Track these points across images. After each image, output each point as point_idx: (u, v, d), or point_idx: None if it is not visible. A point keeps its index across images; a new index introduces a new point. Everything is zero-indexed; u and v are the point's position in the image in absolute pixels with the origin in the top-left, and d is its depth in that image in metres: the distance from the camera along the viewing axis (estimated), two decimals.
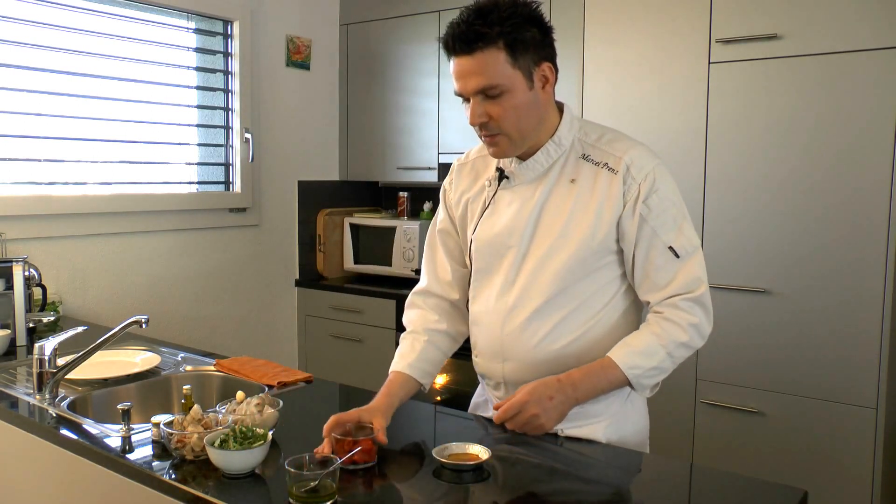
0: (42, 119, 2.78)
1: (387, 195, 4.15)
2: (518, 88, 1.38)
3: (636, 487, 1.37)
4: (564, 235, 1.45)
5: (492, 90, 1.37)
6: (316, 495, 1.17)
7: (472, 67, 1.36)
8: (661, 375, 1.46)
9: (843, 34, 2.36)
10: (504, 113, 1.38)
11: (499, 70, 1.35)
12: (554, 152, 1.47)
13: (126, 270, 3.04)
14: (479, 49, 1.35)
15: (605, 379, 1.43)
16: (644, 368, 1.42)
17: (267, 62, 3.56)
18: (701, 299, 1.45)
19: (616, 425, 1.53)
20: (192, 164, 3.34)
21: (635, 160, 1.44)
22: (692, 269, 1.45)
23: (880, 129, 2.32)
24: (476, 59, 1.35)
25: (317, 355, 3.78)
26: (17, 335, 2.26)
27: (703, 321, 1.45)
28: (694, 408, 2.70)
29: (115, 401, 1.76)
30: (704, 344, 1.49)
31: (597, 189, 1.44)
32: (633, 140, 1.49)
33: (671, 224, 1.44)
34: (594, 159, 1.46)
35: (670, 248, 1.43)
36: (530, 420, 1.41)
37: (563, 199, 1.46)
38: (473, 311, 1.59)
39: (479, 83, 1.36)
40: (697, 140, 2.65)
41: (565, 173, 1.47)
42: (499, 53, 1.35)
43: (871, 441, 2.39)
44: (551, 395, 1.41)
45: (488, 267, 1.54)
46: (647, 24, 2.73)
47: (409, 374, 1.58)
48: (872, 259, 2.36)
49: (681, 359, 1.46)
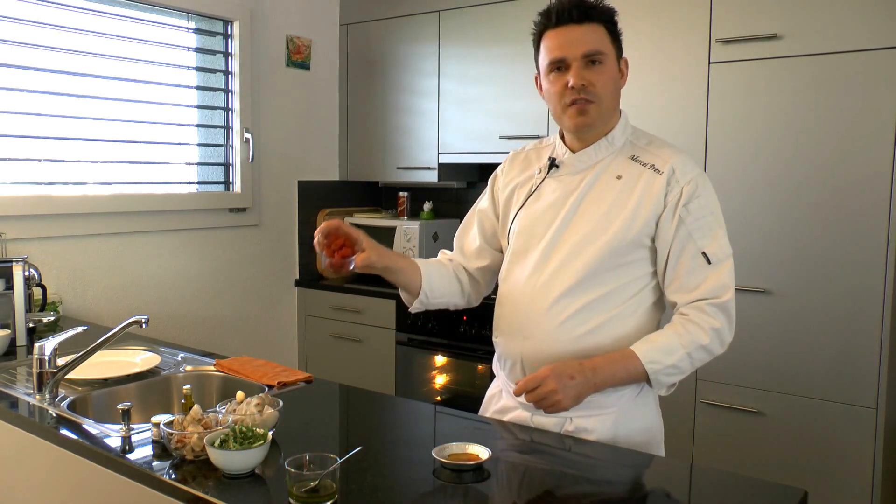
0: (42, 119, 2.78)
1: (387, 195, 4.15)
2: (612, 64, 1.53)
3: (636, 487, 1.37)
4: (601, 225, 1.50)
5: (597, 55, 1.49)
6: (316, 495, 1.17)
7: (581, 35, 1.49)
8: (679, 375, 1.50)
9: (843, 34, 2.36)
10: (602, 79, 1.50)
11: (604, 41, 1.50)
12: (605, 149, 1.56)
13: (126, 270, 3.04)
14: (588, 21, 1.49)
15: (623, 368, 1.46)
16: (663, 365, 1.46)
17: (267, 62, 3.56)
18: (726, 306, 1.49)
19: (624, 420, 1.54)
20: (192, 164, 3.34)
21: (681, 164, 1.51)
22: (721, 275, 1.49)
23: (880, 129, 2.32)
24: (585, 28, 1.49)
25: (317, 355, 3.78)
26: (17, 335, 2.26)
27: (726, 328, 1.50)
28: (694, 408, 2.70)
29: (115, 401, 1.76)
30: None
31: (639, 187, 1.51)
32: (680, 149, 1.57)
33: (707, 230, 1.49)
34: (642, 160, 1.53)
35: (703, 253, 1.48)
36: (548, 395, 1.43)
37: (606, 191, 1.53)
38: (502, 292, 1.64)
39: (588, 48, 1.49)
40: (697, 140, 2.65)
41: (612, 169, 1.55)
42: (602, 29, 1.51)
43: (871, 441, 2.39)
44: (572, 374, 1.44)
45: (525, 248, 1.59)
46: (647, 24, 2.73)
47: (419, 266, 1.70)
48: (872, 259, 2.36)
49: (700, 362, 1.51)
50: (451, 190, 3.80)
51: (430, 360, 3.35)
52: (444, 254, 1.83)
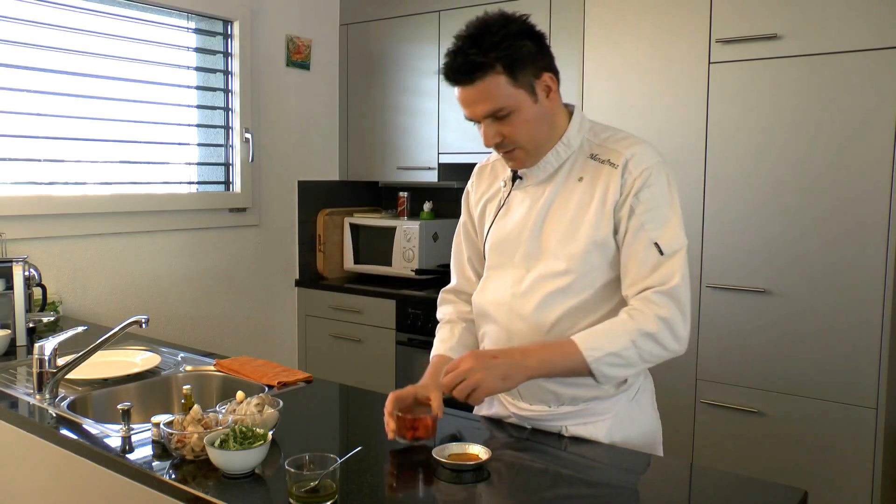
0: (42, 119, 2.78)
1: (387, 195, 4.15)
2: (524, 105, 1.41)
3: (636, 487, 1.37)
4: (570, 230, 1.47)
5: (499, 112, 1.41)
6: (316, 495, 1.17)
7: (476, 95, 1.40)
8: (626, 368, 1.41)
9: (843, 34, 2.36)
10: (515, 130, 1.43)
11: (502, 93, 1.39)
12: (563, 153, 1.50)
13: (126, 270, 3.04)
14: (479, 77, 1.38)
15: (559, 353, 1.40)
16: (604, 352, 1.37)
17: (267, 62, 3.56)
18: (673, 293, 1.40)
19: (620, 425, 1.52)
20: (193, 164, 3.34)
21: (636, 155, 1.45)
22: (672, 265, 1.42)
23: (880, 129, 2.32)
24: (478, 88, 1.39)
25: (317, 355, 3.78)
26: (17, 335, 2.26)
27: (677, 318, 1.40)
28: (694, 408, 2.70)
29: (115, 401, 1.76)
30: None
31: (599, 185, 1.46)
32: (639, 139, 1.51)
33: (660, 220, 1.43)
34: (600, 157, 1.48)
35: (655, 243, 1.42)
36: (467, 374, 1.35)
37: (570, 196, 1.49)
38: (481, 304, 1.60)
39: (485, 108, 1.41)
40: (697, 140, 2.65)
41: (574, 172, 1.50)
42: (499, 77, 1.38)
43: (871, 441, 2.39)
44: (495, 355, 1.40)
45: (501, 263, 1.57)
46: (647, 25, 2.73)
47: (451, 357, 1.60)
48: (872, 259, 2.36)
49: (649, 355, 1.40)
50: (451, 190, 3.80)
51: None
52: (447, 299, 1.76)
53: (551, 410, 1.52)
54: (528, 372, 1.39)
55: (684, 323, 1.42)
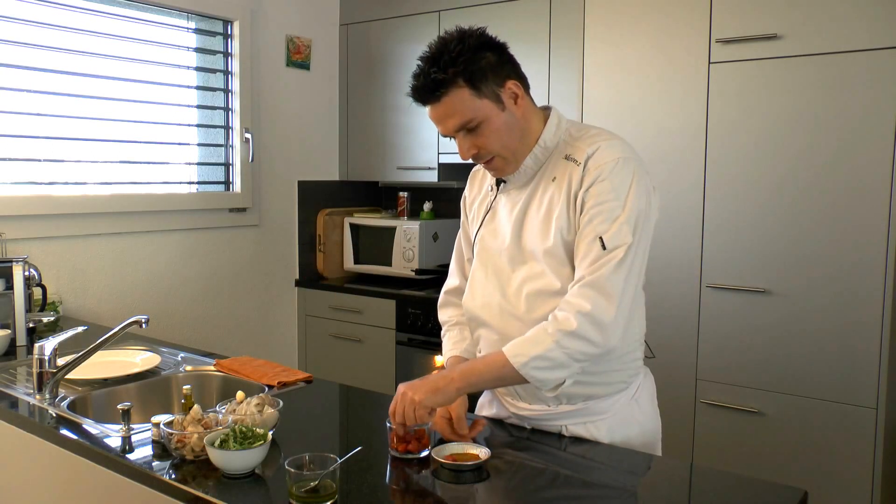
0: (42, 119, 2.78)
1: (387, 195, 4.15)
2: (492, 114, 1.44)
3: (636, 487, 1.37)
4: (543, 229, 1.48)
5: (469, 124, 1.44)
6: (316, 495, 1.17)
7: (444, 111, 1.44)
8: (557, 370, 1.38)
9: (843, 34, 2.36)
10: (487, 140, 1.46)
11: (467, 106, 1.42)
12: (541, 155, 1.51)
13: (126, 270, 3.04)
14: (443, 94, 1.42)
15: (483, 363, 1.44)
16: (529, 356, 1.36)
17: (267, 62, 3.56)
18: (598, 282, 1.37)
19: (620, 425, 1.53)
20: (193, 164, 3.34)
21: (598, 152, 1.44)
22: (610, 259, 1.39)
23: (880, 128, 2.32)
24: (444, 104, 1.43)
25: (317, 355, 3.78)
26: (17, 335, 2.27)
27: (600, 308, 1.36)
28: (694, 408, 2.70)
29: (115, 401, 1.76)
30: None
31: (566, 182, 1.47)
32: (611, 136, 1.49)
33: (608, 214, 1.40)
34: (572, 156, 1.49)
35: (600, 238, 1.39)
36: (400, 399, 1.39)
37: (545, 196, 1.50)
38: (472, 308, 1.61)
39: (455, 123, 1.44)
40: (697, 140, 2.65)
41: (548, 173, 1.51)
42: (462, 91, 1.42)
43: (871, 441, 2.39)
44: (425, 376, 1.44)
45: (486, 266, 1.59)
46: (647, 25, 2.73)
47: (465, 358, 1.64)
48: (872, 259, 2.36)
49: (579, 353, 1.37)
50: (451, 190, 3.80)
51: (430, 360, 3.35)
52: (449, 301, 1.77)
53: (551, 410, 1.53)
54: (456, 383, 1.42)
55: (615, 314, 1.37)
